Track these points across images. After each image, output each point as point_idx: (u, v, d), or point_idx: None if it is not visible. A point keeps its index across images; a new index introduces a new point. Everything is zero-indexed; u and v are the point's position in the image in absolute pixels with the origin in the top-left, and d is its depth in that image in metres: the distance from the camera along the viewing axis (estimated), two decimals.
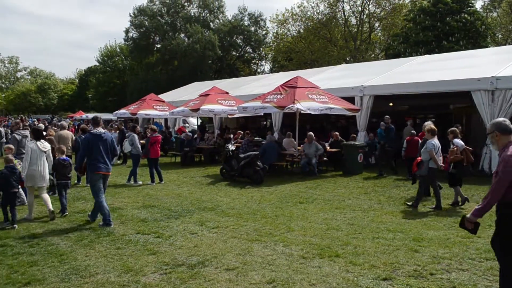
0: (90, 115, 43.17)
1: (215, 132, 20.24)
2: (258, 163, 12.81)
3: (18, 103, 78.07)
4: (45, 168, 8.80)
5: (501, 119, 4.51)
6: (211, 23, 54.67)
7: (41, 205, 9.75)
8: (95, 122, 8.60)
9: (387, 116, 14.29)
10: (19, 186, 8.60)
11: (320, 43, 45.16)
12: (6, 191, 8.16)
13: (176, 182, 13.10)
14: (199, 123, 25.29)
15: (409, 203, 9.44)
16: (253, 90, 21.83)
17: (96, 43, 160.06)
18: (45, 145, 8.91)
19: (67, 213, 9.02)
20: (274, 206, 9.56)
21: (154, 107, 21.68)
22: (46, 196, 8.82)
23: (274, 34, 50.98)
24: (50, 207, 8.62)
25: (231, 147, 13.99)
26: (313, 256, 6.14)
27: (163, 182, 13.04)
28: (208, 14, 55.02)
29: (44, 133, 10.48)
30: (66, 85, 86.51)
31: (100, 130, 8.37)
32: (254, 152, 13.25)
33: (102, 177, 8.27)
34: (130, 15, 52.50)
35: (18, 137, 11.00)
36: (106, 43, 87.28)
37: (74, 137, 12.92)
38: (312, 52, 44.64)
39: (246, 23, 54.07)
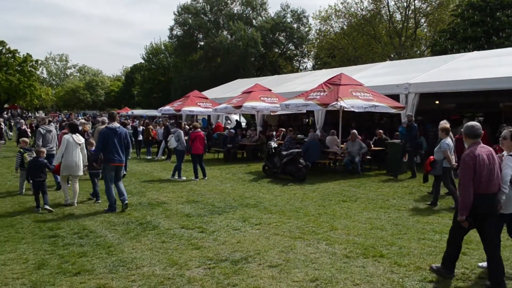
0: (136, 112, 44.28)
1: (257, 129, 20.30)
2: (301, 160, 12.77)
3: (68, 99, 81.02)
4: (80, 159, 9.63)
5: (472, 124, 5.28)
6: (253, 20, 54.74)
7: (85, 192, 10.14)
8: (111, 117, 9.52)
9: (409, 114, 13.89)
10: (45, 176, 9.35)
11: (363, 40, 44.38)
12: (33, 180, 9.10)
13: (219, 178, 13.25)
14: (241, 120, 25.49)
15: (452, 206, 9.15)
16: (296, 87, 21.72)
17: (141, 41, 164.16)
18: (79, 138, 9.81)
19: (100, 201, 9.80)
20: (317, 204, 9.51)
21: (198, 103, 21.96)
22: (77, 187, 9.68)
23: (317, 31, 50.41)
24: (75, 200, 9.56)
25: (274, 144, 14.00)
26: (356, 255, 6.07)
27: (206, 178, 13.22)
28: (251, 12, 55.10)
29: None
30: (113, 82, 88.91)
31: (116, 124, 9.14)
32: (297, 150, 13.21)
33: (115, 168, 9.01)
34: (174, 13, 53.28)
35: (42, 131, 11.78)
36: (151, 40, 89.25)
37: None
38: (356, 49, 43.94)
39: (288, 20, 53.73)
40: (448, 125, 9.45)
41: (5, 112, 56.07)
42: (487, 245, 5.14)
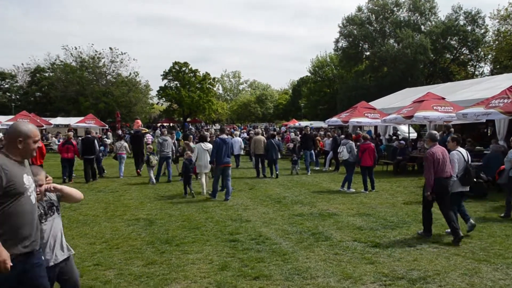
0: (303, 123, 45.45)
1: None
2: (481, 174, 11.67)
3: (240, 112, 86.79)
4: (207, 160, 12.59)
5: (433, 132, 8.10)
6: (422, 26, 52.04)
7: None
8: (221, 130, 13.88)
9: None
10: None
11: None
12: (185, 174, 12.60)
13: (389, 191, 12.84)
14: (409, 131, 24.33)
15: (501, 215, 9.25)
16: (473, 94, 20.00)
17: (305, 55, 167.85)
18: (206, 145, 12.72)
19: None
20: (503, 224, 8.58)
21: (365, 114, 21.67)
22: (203, 181, 12.84)
23: (495, 32, 45.76)
24: (204, 190, 12.73)
25: None
26: None
27: (374, 190, 12.96)
28: (419, 17, 52.53)
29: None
30: (281, 95, 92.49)
31: (224, 136, 12.53)
32: (476, 163, 12.12)
33: (224, 168, 12.06)
34: (339, 26, 53.51)
35: (160, 140, 16.19)
36: (317, 54, 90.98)
37: (265, 141, 16.99)
38: None
39: (461, 22, 49.78)
40: None
41: (190, 125, 62.57)
42: (444, 213, 7.56)
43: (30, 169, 3.73)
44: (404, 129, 28.09)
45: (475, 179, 11.61)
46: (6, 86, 65.48)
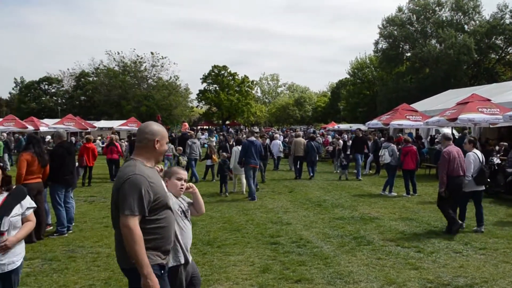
0: (342, 126, 45.10)
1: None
2: None
3: (279, 115, 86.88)
4: None
5: (447, 132, 13.84)
6: (465, 26, 50.58)
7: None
8: (251, 132, 14.33)
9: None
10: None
11: None
12: (221, 174, 13.29)
13: (432, 196, 12.51)
14: (453, 133, 23.70)
15: None
16: None
17: (344, 57, 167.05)
18: None
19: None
20: None
21: (407, 117, 21.25)
22: (244, 181, 13.21)
23: None
24: (243, 189, 13.38)
25: (496, 160, 12.67)
26: None
27: (416, 194, 12.72)
28: (462, 16, 51.06)
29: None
30: (320, 98, 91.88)
31: (253, 138, 12.75)
32: None
33: (252, 168, 12.34)
34: (379, 27, 52.62)
35: (190, 143, 16.30)
36: (356, 55, 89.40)
37: (305, 143, 17.48)
38: None
39: (507, 21, 48.00)
40: None
41: (229, 128, 63.10)
42: (460, 208, 8.40)
43: (171, 168, 3.80)
44: (446, 131, 27.38)
45: None
46: (53, 90, 68.21)
